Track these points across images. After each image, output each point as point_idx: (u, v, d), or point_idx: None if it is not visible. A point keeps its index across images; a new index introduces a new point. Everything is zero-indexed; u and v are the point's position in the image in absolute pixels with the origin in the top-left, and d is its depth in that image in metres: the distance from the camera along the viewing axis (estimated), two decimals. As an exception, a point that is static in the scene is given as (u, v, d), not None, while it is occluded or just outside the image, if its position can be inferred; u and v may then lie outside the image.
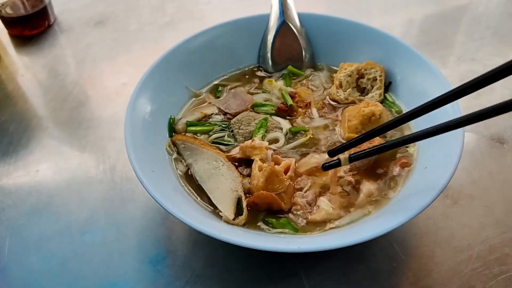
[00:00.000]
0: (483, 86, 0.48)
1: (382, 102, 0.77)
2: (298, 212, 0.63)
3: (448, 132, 0.52)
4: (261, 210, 0.63)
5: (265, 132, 0.73)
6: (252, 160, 0.67)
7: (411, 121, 0.66)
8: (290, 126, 0.75)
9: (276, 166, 0.64)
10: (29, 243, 0.69)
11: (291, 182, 0.65)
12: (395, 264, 0.64)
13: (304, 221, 0.62)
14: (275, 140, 0.73)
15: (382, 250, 0.66)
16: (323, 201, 0.64)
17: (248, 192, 0.65)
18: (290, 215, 0.63)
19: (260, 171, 0.64)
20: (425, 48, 1.04)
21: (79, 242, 0.69)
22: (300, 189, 0.66)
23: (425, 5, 1.18)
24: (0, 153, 0.83)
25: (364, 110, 0.71)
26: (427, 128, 0.53)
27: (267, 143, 0.69)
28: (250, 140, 0.69)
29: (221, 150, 0.72)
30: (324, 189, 0.66)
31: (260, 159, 0.66)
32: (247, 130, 0.74)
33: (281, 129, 0.74)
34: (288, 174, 0.65)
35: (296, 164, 0.68)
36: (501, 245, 0.66)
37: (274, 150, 0.69)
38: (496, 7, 1.17)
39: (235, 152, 0.70)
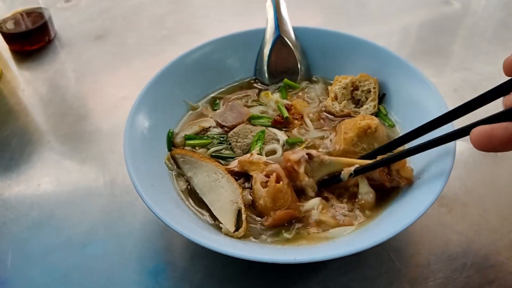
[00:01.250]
0: (479, 107, 0.48)
1: (376, 114, 0.78)
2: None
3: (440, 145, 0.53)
4: (282, 225, 0.64)
5: (263, 144, 0.74)
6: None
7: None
8: (287, 137, 0.76)
9: (276, 182, 0.64)
10: (31, 256, 0.70)
11: (288, 189, 0.65)
12: (391, 273, 0.65)
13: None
14: (273, 152, 0.74)
15: (379, 259, 0.67)
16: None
17: (250, 206, 0.66)
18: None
19: (264, 188, 0.65)
20: (420, 57, 1.05)
21: (80, 254, 0.70)
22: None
23: (420, 15, 1.20)
24: (2, 167, 0.85)
25: (360, 123, 0.72)
26: (421, 143, 0.56)
27: (265, 157, 0.70)
28: (248, 154, 0.70)
29: (220, 163, 0.73)
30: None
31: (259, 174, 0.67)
32: (244, 143, 0.75)
33: (278, 140, 0.75)
34: (283, 182, 0.64)
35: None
36: (496, 252, 0.67)
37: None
38: (490, 16, 1.19)
39: (234, 165, 0.71)
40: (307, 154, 0.66)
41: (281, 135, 0.76)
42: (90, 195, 0.79)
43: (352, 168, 0.64)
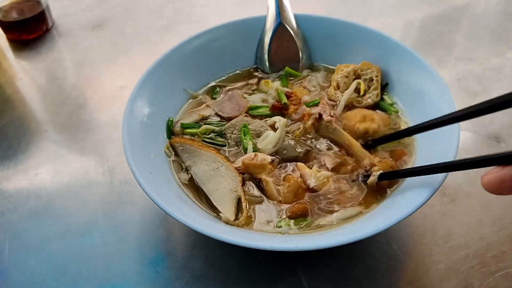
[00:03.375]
0: (489, 112, 0.47)
1: (379, 103, 0.78)
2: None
3: (444, 126, 0.52)
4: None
5: (251, 137, 0.73)
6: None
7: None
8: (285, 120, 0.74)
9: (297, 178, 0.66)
10: (28, 246, 0.70)
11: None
12: (393, 263, 0.65)
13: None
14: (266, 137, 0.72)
15: (380, 248, 0.66)
16: None
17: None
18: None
19: (281, 187, 0.66)
20: (423, 48, 1.05)
21: (78, 244, 0.69)
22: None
23: (423, 6, 1.19)
24: (-1, 157, 0.84)
25: (359, 128, 0.72)
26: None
27: (270, 158, 0.69)
28: (252, 154, 0.68)
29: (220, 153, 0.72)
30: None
31: (268, 173, 0.67)
32: (239, 135, 0.73)
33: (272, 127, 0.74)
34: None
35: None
36: (498, 242, 0.67)
37: (273, 160, 0.69)
38: (494, 7, 1.18)
39: (238, 165, 0.69)
40: (319, 114, 0.72)
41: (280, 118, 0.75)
42: (88, 184, 0.78)
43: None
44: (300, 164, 0.69)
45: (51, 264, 0.67)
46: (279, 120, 0.74)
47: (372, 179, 0.64)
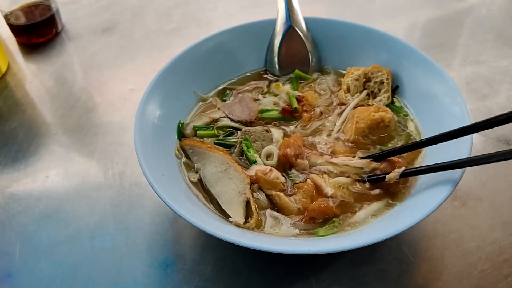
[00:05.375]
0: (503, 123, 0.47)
1: (389, 105, 0.77)
2: None
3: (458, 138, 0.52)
4: (318, 222, 0.63)
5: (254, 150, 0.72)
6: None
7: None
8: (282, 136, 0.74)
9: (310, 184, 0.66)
10: (39, 249, 0.70)
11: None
12: (405, 267, 0.64)
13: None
14: (270, 154, 0.71)
15: (391, 252, 0.66)
16: None
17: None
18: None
19: (294, 196, 0.66)
20: (429, 51, 1.02)
21: (88, 247, 0.70)
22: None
23: (427, 8, 1.18)
24: (9, 160, 0.84)
25: (374, 115, 0.71)
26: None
27: (283, 178, 0.67)
28: (266, 169, 0.67)
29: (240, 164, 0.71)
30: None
31: (279, 190, 0.66)
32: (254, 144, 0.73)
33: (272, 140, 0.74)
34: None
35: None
36: (510, 246, 0.66)
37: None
38: (499, 9, 1.17)
39: (251, 173, 0.68)
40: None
41: (278, 134, 0.74)
42: (98, 187, 0.78)
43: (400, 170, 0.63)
44: (313, 175, 0.68)
45: (61, 267, 0.67)
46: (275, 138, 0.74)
47: (393, 175, 0.63)
